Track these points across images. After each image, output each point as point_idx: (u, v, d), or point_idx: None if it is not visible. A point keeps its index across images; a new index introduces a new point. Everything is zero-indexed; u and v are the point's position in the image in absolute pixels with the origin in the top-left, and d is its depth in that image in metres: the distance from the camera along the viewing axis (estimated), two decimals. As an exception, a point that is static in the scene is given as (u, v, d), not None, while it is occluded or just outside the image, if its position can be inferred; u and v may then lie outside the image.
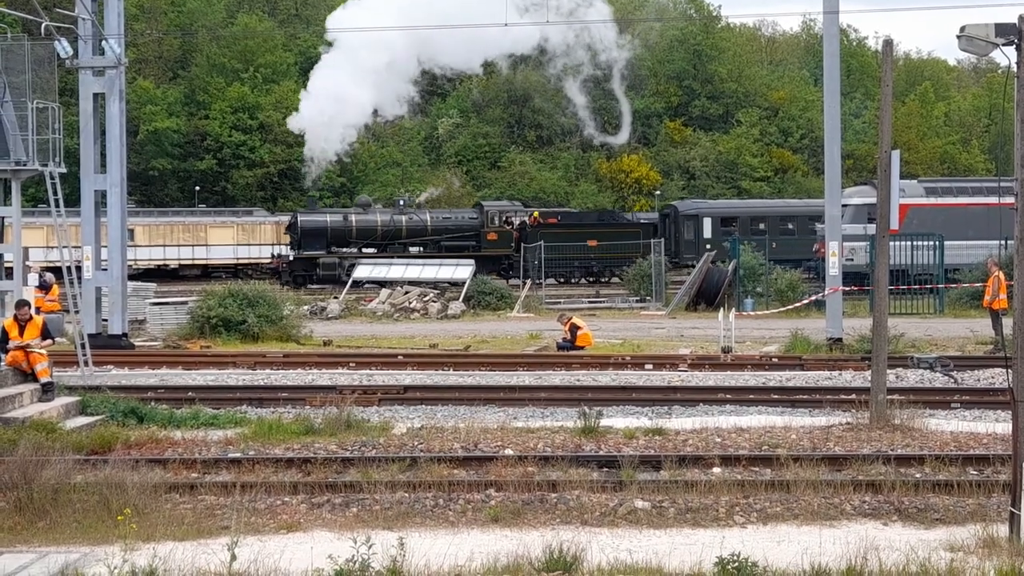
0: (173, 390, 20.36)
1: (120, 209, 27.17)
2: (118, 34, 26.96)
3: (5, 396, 16.98)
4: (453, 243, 51.70)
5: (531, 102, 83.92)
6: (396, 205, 53.76)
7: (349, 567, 9.50)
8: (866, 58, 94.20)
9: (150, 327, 31.22)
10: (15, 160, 20.88)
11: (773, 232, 53.47)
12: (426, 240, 51.98)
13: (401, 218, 52.19)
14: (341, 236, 51.49)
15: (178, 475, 13.68)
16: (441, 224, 52.70)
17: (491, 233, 52.51)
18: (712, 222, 56.50)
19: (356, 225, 51.56)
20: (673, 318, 35.56)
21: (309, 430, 16.09)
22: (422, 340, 29.37)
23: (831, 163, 26.56)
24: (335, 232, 51.33)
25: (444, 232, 52.26)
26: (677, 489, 12.91)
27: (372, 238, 51.72)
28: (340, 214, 52.69)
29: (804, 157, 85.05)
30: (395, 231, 51.87)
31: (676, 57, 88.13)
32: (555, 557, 9.96)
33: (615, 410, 18.34)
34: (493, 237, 52.48)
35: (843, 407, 18.15)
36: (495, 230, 52.70)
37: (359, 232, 51.45)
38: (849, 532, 11.61)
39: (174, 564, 9.86)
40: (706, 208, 58.94)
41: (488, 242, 52.31)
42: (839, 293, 26.43)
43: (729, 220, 57.01)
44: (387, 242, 51.54)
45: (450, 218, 53.62)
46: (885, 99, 17.50)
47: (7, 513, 12.01)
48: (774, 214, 57.35)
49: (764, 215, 57.14)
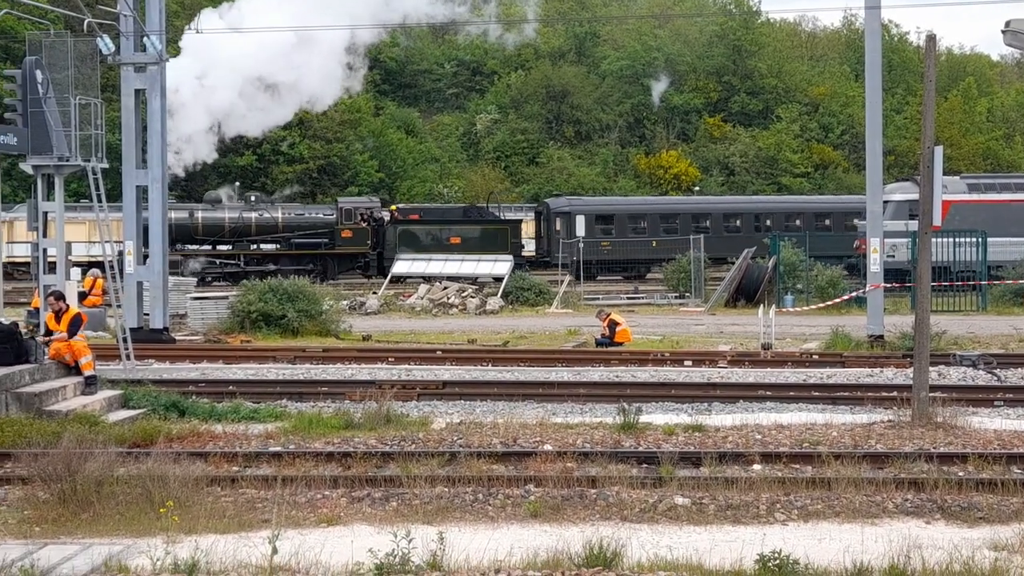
0: (214, 384, 20.48)
1: (161, 204, 27.36)
2: (159, 30, 27.14)
3: (49, 389, 17.16)
4: (305, 240, 50.00)
5: (570, 97, 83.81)
6: (247, 201, 51.16)
7: (389, 561, 9.50)
8: (908, 53, 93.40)
9: (191, 321, 31.43)
10: (58, 155, 21.05)
11: (654, 231, 52.95)
12: (277, 237, 50.18)
13: (251, 215, 49.93)
14: (186, 233, 49.02)
15: (219, 468, 13.75)
16: (293, 221, 50.35)
17: (346, 230, 50.31)
18: (586, 219, 53.91)
19: (202, 222, 49.27)
20: (712, 314, 35.41)
21: (349, 424, 16.15)
22: (460, 335, 29.39)
23: (872, 159, 26.37)
24: (180, 229, 47.99)
25: (296, 229, 50.09)
26: (717, 486, 12.85)
27: (220, 235, 49.61)
28: (186, 210, 49.87)
29: (845, 153, 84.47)
30: (244, 228, 49.67)
31: (716, 53, 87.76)
32: (595, 553, 9.93)
33: (654, 406, 18.29)
34: (348, 235, 50.27)
35: (885, 404, 18.03)
36: (350, 227, 50.39)
37: (205, 229, 49.20)
38: (891, 530, 11.52)
39: (216, 557, 9.90)
40: (580, 205, 56.23)
41: (343, 240, 50.20)
42: (880, 290, 26.24)
43: (605, 217, 54.78)
44: (235, 239, 49.69)
45: (303, 214, 51.31)
46: (928, 94, 17.35)
47: (51, 505, 12.11)
48: (654, 211, 55.68)
49: (643, 212, 55.43)
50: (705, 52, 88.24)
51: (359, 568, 9.65)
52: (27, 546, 10.95)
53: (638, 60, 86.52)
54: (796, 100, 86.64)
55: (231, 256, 49.47)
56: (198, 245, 49.23)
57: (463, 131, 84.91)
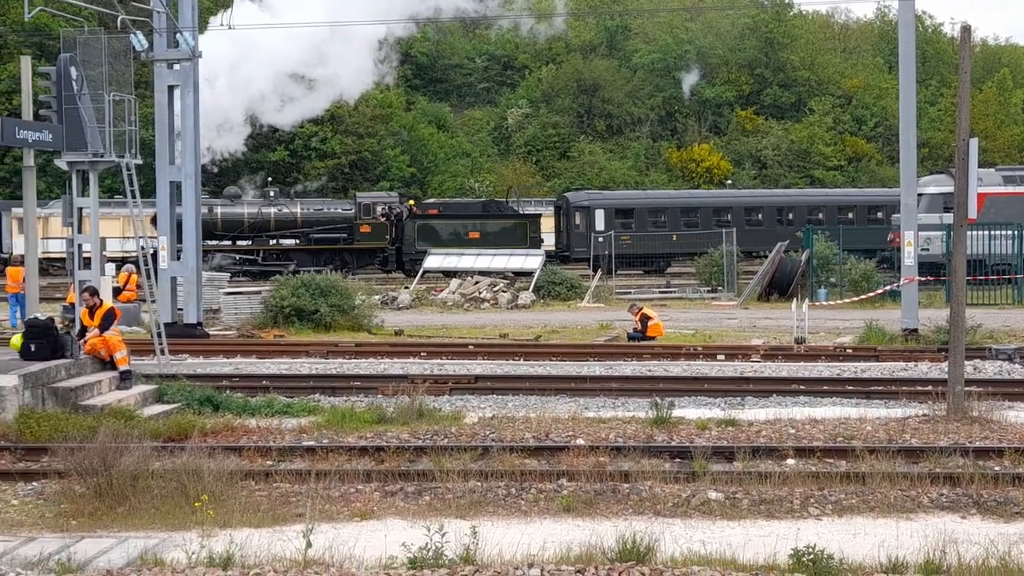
0: (247, 379, 20.57)
1: (195, 200, 27.52)
2: (192, 27, 27.28)
3: (85, 384, 17.28)
4: (324, 235, 50.06)
5: (601, 91, 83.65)
6: (266, 196, 51.34)
7: (423, 555, 9.54)
8: (942, 45, 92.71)
9: (224, 316, 31.57)
10: (92, 152, 21.21)
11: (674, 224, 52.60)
12: (296, 233, 50.22)
13: (270, 210, 50.04)
14: (206, 229, 46.92)
15: (253, 463, 13.83)
16: (312, 216, 50.44)
17: (364, 225, 50.41)
18: (605, 213, 53.42)
19: (222, 217, 49.29)
20: (745, 308, 35.28)
21: (381, 419, 16.20)
22: (492, 330, 29.41)
23: (906, 151, 26.18)
24: None
25: (315, 224, 50.22)
26: (751, 480, 12.82)
27: (239, 231, 49.75)
28: (206, 206, 48.54)
29: (878, 145, 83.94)
30: (263, 223, 49.75)
31: (747, 45, 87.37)
32: (628, 547, 9.91)
33: (687, 401, 18.25)
34: (366, 230, 50.39)
35: (919, 399, 17.89)
36: (368, 222, 50.49)
37: (225, 224, 49.26)
38: (927, 525, 11.46)
39: (250, 550, 9.95)
40: (599, 199, 55.75)
41: (361, 234, 50.32)
42: (915, 283, 26.07)
43: (625, 211, 54.26)
44: (254, 235, 49.75)
45: (322, 210, 51.32)
46: (963, 86, 17.21)
47: (87, 499, 12.21)
48: (674, 205, 55.27)
49: (663, 207, 54.93)
50: (737, 45, 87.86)
51: (392, 562, 9.69)
52: (64, 539, 11.06)
53: (670, 53, 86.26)
54: (829, 92, 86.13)
55: (249, 251, 49.60)
56: (217, 241, 49.42)
57: (494, 125, 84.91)
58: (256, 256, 49.50)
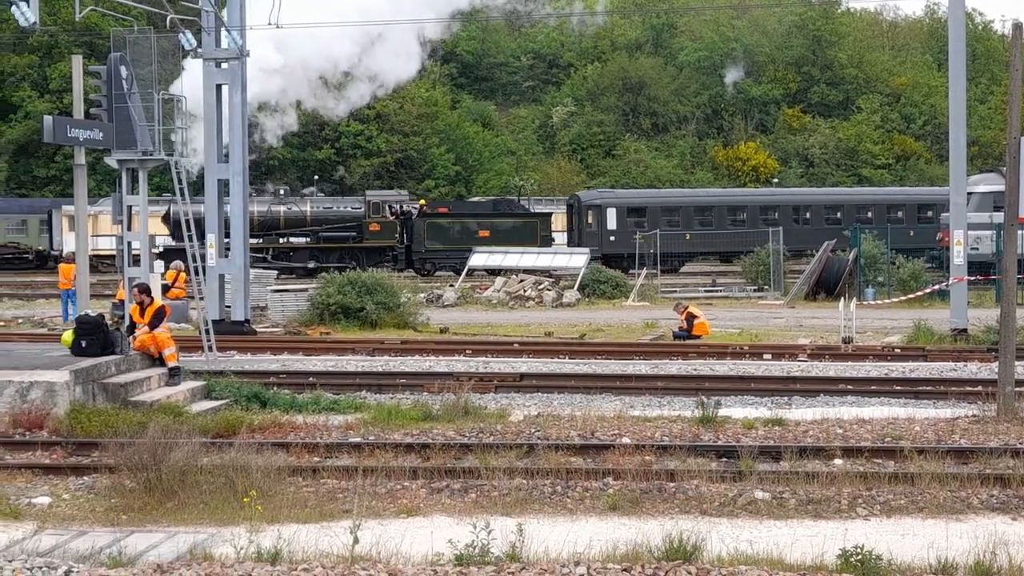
0: (294, 375, 20.70)
1: (242, 197, 27.74)
2: (240, 26, 27.47)
3: (134, 380, 17.45)
4: (333, 234, 50.12)
5: (646, 89, 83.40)
6: (276, 195, 51.50)
7: (469, 552, 9.56)
8: (992, 42, 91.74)
9: (271, 314, 31.79)
10: (142, 150, 21.41)
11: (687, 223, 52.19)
12: (306, 231, 50.30)
13: (279, 208, 50.24)
14: None
15: (301, 459, 13.91)
16: (321, 214, 50.62)
17: (373, 224, 50.45)
18: (617, 212, 53.32)
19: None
20: (792, 307, 35.08)
21: (427, 416, 16.24)
22: (537, 328, 29.41)
23: (956, 150, 25.95)
24: None
25: (324, 222, 50.34)
26: (798, 480, 12.74)
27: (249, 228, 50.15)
28: None
29: (927, 144, 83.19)
30: (272, 221, 49.90)
31: (795, 43, 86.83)
32: (675, 546, 9.88)
33: (733, 400, 18.17)
34: (376, 228, 50.44)
35: (969, 399, 17.74)
36: (377, 220, 50.55)
37: None
38: (976, 526, 11.35)
39: (298, 546, 10.01)
40: (611, 198, 55.51)
41: (371, 233, 50.35)
42: (964, 283, 25.83)
43: (637, 210, 53.88)
44: (264, 233, 49.53)
45: (332, 208, 51.49)
46: (1014, 83, 17.03)
47: (137, 494, 12.33)
48: (688, 204, 54.77)
49: (676, 206, 54.48)
50: (784, 42, 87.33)
51: (439, 559, 9.72)
52: (115, 533, 11.18)
53: (716, 51, 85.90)
54: (877, 90, 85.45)
55: (259, 250, 49.81)
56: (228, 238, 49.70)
57: (539, 124, 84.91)
58: (265, 255, 49.62)
